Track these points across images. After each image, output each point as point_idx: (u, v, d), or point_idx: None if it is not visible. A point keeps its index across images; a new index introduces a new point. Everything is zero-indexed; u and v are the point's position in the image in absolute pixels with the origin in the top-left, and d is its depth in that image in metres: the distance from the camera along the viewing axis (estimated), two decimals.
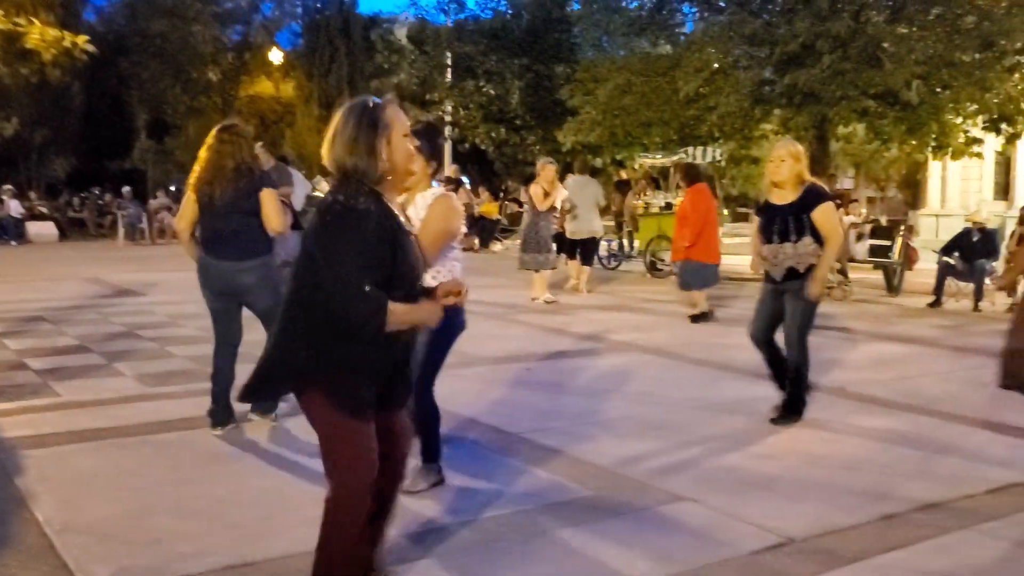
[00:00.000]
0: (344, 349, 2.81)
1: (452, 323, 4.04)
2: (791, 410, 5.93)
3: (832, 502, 4.47)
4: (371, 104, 2.83)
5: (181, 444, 5.29)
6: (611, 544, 3.90)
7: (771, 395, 6.41)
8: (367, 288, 2.69)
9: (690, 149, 18.71)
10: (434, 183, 4.38)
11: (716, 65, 17.06)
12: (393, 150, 2.81)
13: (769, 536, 4.00)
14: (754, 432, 5.73)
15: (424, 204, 4.19)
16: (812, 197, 5.73)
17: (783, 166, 5.73)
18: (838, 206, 14.89)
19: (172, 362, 7.62)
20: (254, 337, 5.14)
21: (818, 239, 5.72)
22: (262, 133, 33.52)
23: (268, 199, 5.25)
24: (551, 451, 5.20)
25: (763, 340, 6.06)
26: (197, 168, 5.32)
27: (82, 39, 9.65)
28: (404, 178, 2.94)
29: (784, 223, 5.77)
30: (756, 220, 6.21)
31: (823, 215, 5.69)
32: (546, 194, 11.63)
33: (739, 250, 16.50)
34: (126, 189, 25.90)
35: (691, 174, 11.24)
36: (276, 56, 35.68)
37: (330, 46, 33.68)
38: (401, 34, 34.15)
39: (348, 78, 33.03)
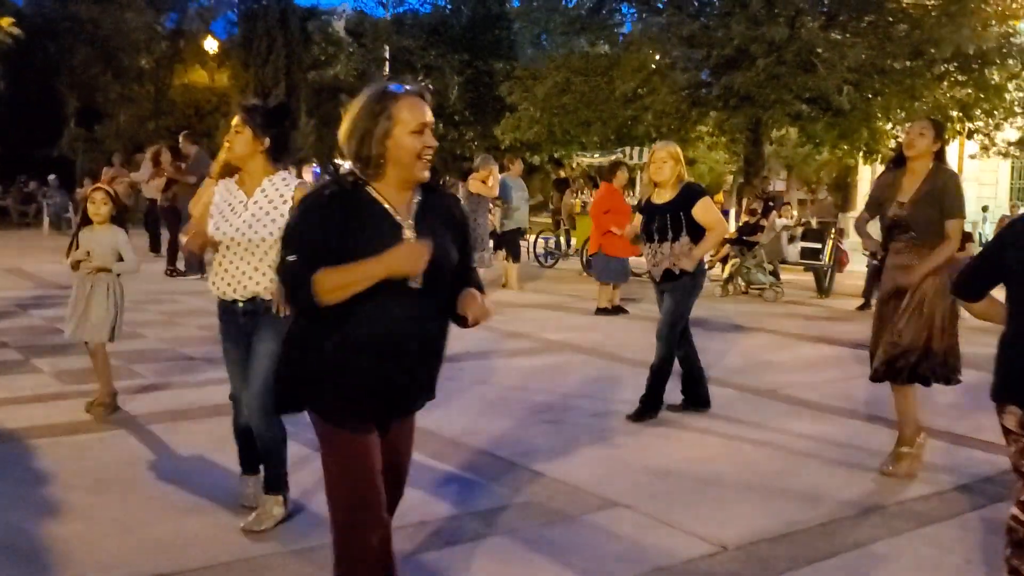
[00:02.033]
0: (318, 351, 2.62)
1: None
2: (649, 407, 5.98)
3: (766, 508, 4.45)
4: (384, 91, 2.64)
5: (99, 446, 5.08)
6: (544, 553, 3.82)
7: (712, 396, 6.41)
8: (290, 258, 2.56)
9: (627, 149, 18.80)
10: (286, 173, 4.05)
11: (654, 66, 17.17)
12: (394, 145, 2.60)
13: (703, 544, 3.95)
14: (687, 436, 5.71)
15: (276, 191, 3.91)
16: (690, 194, 5.92)
17: (665, 167, 5.90)
18: (770, 208, 15.19)
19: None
20: None
21: (695, 239, 5.87)
22: (196, 123, 32.84)
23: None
24: (482, 455, 5.10)
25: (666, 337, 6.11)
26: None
27: (7, 21, 9.30)
28: (408, 177, 2.64)
29: (663, 221, 5.92)
30: (639, 218, 6.32)
31: (703, 209, 5.88)
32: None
33: None
34: (51, 177, 25.10)
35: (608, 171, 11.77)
36: (211, 45, 34.95)
37: (267, 36, 33.05)
38: (339, 26, 33.75)
39: (285, 69, 32.46)
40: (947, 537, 4.19)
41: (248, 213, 3.87)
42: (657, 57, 17.22)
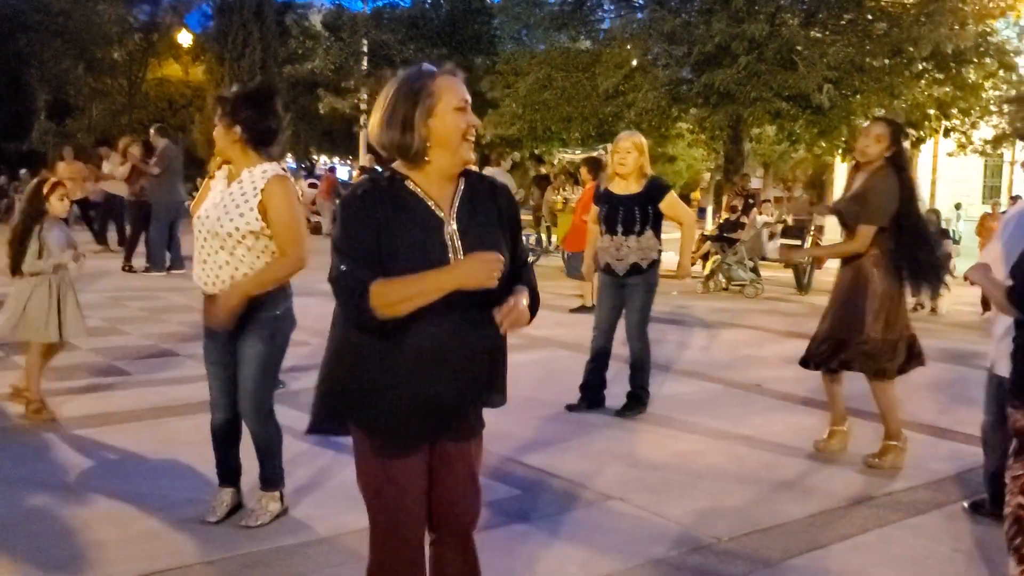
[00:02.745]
0: (363, 362, 2.42)
1: (283, 326, 3.85)
2: (636, 401, 6.03)
3: (756, 501, 4.49)
4: (418, 71, 2.44)
5: (70, 443, 5.03)
6: (540, 545, 3.83)
7: (692, 391, 6.46)
8: (343, 268, 2.34)
9: (608, 145, 18.82)
10: (268, 164, 3.81)
11: (635, 62, 17.20)
12: (439, 124, 2.37)
13: (696, 536, 3.98)
14: (676, 430, 5.74)
15: (251, 183, 3.72)
16: (657, 188, 5.92)
17: (629, 157, 5.87)
18: (750, 206, 15.27)
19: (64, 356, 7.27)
20: None
21: (659, 233, 5.92)
22: (170, 117, 32.56)
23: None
24: None
25: (604, 330, 6.11)
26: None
27: None
28: (454, 160, 2.42)
29: (629, 214, 5.89)
30: (595, 209, 6.25)
31: (671, 203, 5.90)
32: None
33: None
34: (23, 172, 24.78)
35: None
36: (185, 38, 34.65)
37: (243, 30, 32.79)
38: (316, 20, 33.55)
39: (261, 63, 32.22)
40: (934, 528, 4.25)
41: (221, 205, 3.71)
42: (639, 53, 17.24)
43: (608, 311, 6.10)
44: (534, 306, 2.51)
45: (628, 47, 17.19)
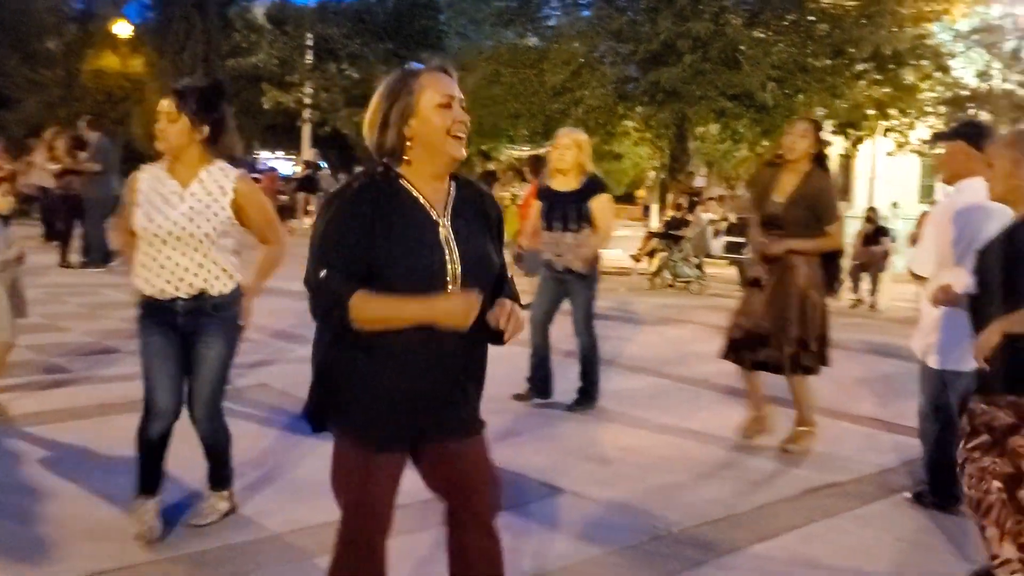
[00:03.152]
0: (346, 364, 2.37)
1: (239, 324, 3.76)
2: (587, 396, 6.07)
3: (707, 493, 4.54)
4: (404, 70, 2.39)
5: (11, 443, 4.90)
6: None
7: (641, 386, 6.50)
8: (322, 274, 2.27)
9: None
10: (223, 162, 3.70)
11: (582, 59, 17.27)
12: (420, 122, 2.32)
13: (649, 529, 4.01)
14: (626, 425, 5.78)
15: (214, 182, 3.61)
16: (593, 187, 5.93)
17: (568, 153, 5.90)
18: (695, 204, 15.45)
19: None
20: None
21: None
22: (108, 109, 31.82)
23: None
24: None
25: (541, 324, 6.15)
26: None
27: None
28: (441, 159, 2.36)
29: (565, 211, 5.93)
30: (536, 204, 6.28)
31: (600, 205, 5.89)
32: None
33: None
34: None
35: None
36: (124, 29, 33.89)
37: (184, 22, 32.24)
38: (260, 13, 33.07)
39: (203, 56, 31.69)
40: (880, 517, 4.34)
41: (186, 206, 3.54)
42: (586, 50, 17.31)
43: (541, 305, 6.11)
44: None
45: (575, 44, 17.25)
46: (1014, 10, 19.35)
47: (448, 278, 2.33)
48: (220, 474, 3.89)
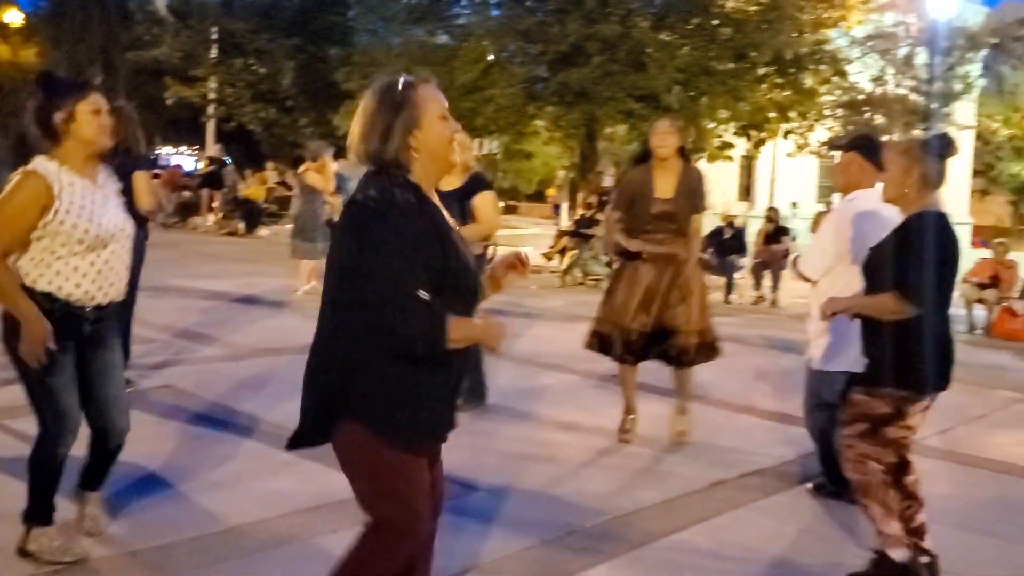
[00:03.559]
0: (398, 374, 2.38)
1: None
2: (473, 394, 6.08)
3: (617, 488, 4.63)
4: (401, 82, 2.44)
5: None
6: None
7: (551, 383, 6.57)
8: (421, 295, 2.29)
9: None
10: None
11: (492, 58, 17.31)
12: (426, 134, 2.39)
13: (563, 524, 4.07)
14: (536, 422, 5.83)
15: (111, 176, 3.55)
16: (476, 184, 5.99)
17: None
18: (605, 203, 15.66)
19: None
20: None
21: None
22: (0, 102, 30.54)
23: (140, 179, 5.50)
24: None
25: None
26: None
27: None
28: (441, 168, 2.48)
29: (448, 209, 5.91)
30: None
31: (483, 202, 5.91)
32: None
33: (509, 241, 16.86)
34: None
35: None
36: (15, 17, 32.60)
37: (81, 12, 31.16)
38: (161, 5, 32.18)
39: (102, 48, 30.70)
40: (781, 508, 4.49)
41: (112, 204, 3.44)
42: (496, 50, 17.36)
43: None
44: None
45: (485, 43, 17.28)
46: (906, 18, 20.19)
47: (479, 296, 2.54)
48: (105, 475, 3.74)
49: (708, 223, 20.16)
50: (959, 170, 38.40)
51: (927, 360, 3.49)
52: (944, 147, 3.61)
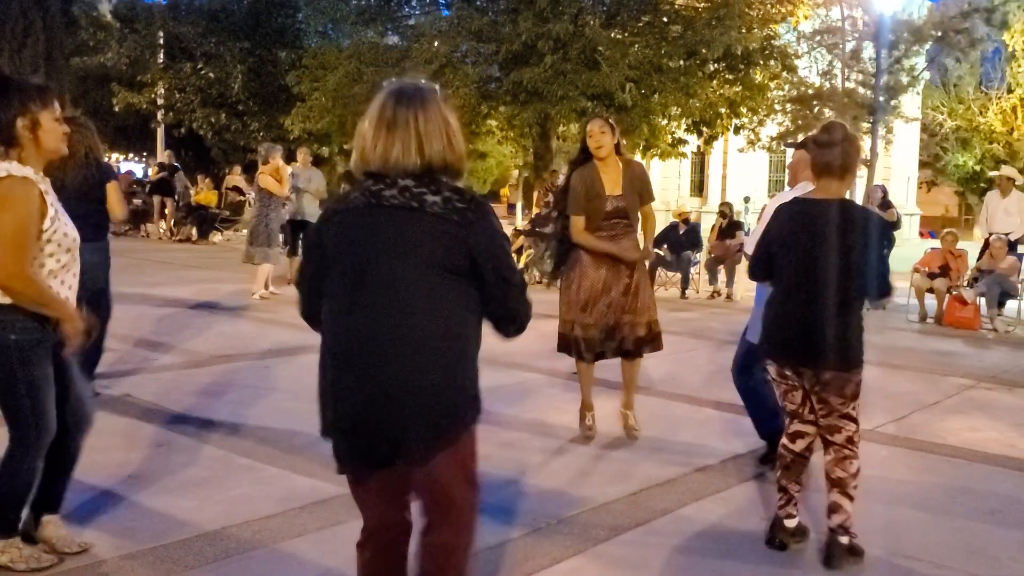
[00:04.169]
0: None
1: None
2: None
3: (582, 483, 4.66)
4: (437, 89, 2.55)
5: None
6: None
7: (513, 382, 6.59)
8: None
9: None
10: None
11: (444, 59, 17.31)
12: (460, 139, 2.51)
13: (524, 522, 4.08)
14: (501, 420, 5.84)
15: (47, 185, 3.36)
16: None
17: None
18: (559, 201, 15.72)
19: None
20: None
21: None
22: None
23: (114, 190, 5.81)
24: (294, 451, 5.01)
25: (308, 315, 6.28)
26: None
27: None
28: (457, 173, 2.51)
29: None
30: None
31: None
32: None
33: None
34: None
35: None
36: None
37: (23, 18, 30.53)
38: (106, 10, 31.65)
39: (45, 55, 30.10)
40: (743, 499, 4.55)
41: (64, 210, 3.39)
42: (448, 50, 17.36)
43: None
44: None
45: (436, 44, 17.28)
46: (853, 13, 20.54)
47: None
48: (64, 490, 3.65)
49: (662, 220, 20.39)
50: (907, 161, 39.17)
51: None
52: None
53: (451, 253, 2.37)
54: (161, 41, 26.44)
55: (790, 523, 3.88)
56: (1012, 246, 11.87)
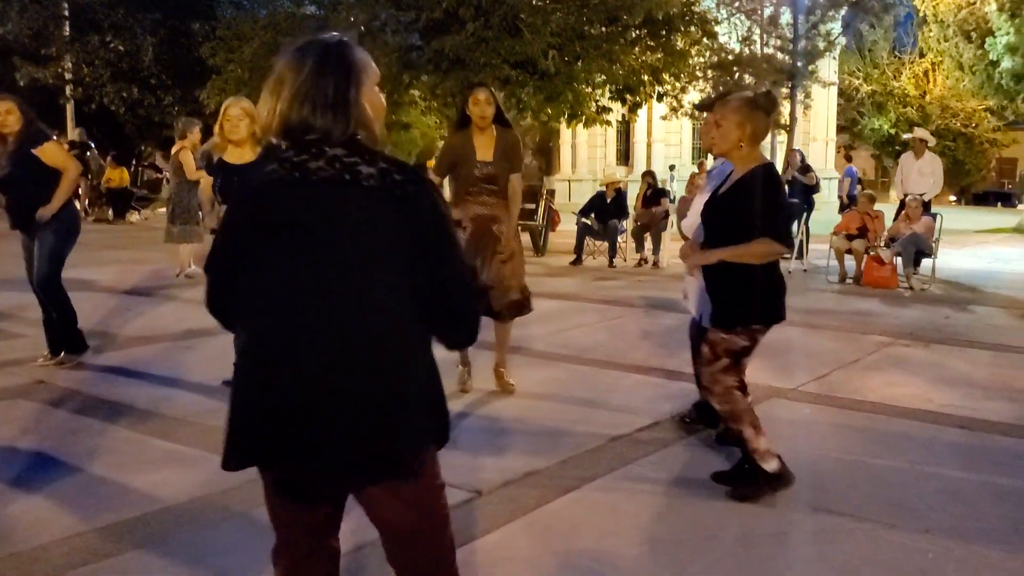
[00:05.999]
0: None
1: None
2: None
3: (512, 452, 4.64)
4: (340, 43, 2.08)
5: None
6: None
7: (446, 352, 6.53)
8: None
9: None
10: None
11: (363, 28, 16.98)
12: (369, 103, 2.06)
13: (460, 492, 4.04)
14: None
15: None
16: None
17: (241, 124, 5.64)
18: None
19: None
20: None
21: None
22: None
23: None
24: (216, 432, 4.88)
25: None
26: None
27: None
28: (375, 141, 2.08)
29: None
30: (206, 177, 6.22)
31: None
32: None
33: None
34: None
35: None
36: None
37: None
38: None
39: None
40: (673, 461, 4.58)
41: None
42: (366, 19, 17.03)
43: None
44: None
45: (355, 12, 16.94)
46: None
47: None
48: None
49: (589, 189, 20.27)
50: (825, 126, 39.94)
51: (781, 294, 4.00)
52: (769, 104, 4.03)
53: (395, 234, 1.98)
54: (66, 12, 25.46)
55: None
56: (926, 206, 12.20)
